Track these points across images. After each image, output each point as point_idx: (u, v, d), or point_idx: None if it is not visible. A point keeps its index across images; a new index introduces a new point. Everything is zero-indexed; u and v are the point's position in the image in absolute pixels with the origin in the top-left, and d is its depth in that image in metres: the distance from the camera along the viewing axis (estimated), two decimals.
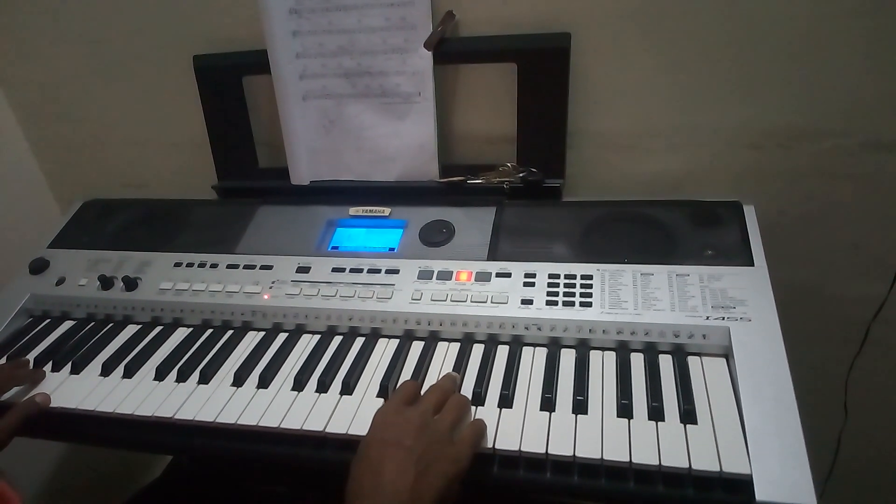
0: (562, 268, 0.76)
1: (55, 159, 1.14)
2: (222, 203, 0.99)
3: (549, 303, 0.73)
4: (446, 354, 0.73)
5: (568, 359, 0.69)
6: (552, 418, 0.62)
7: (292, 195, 0.95)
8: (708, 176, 0.88)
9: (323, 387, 0.69)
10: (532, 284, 0.75)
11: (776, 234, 0.78)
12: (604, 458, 0.57)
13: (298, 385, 0.70)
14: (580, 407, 0.63)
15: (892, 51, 0.75)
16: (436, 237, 0.84)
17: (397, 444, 0.55)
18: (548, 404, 0.63)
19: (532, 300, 0.73)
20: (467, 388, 0.67)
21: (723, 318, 0.67)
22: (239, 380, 0.72)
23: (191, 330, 0.82)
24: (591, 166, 0.91)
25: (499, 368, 0.69)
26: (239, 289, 0.82)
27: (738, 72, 0.80)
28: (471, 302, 0.75)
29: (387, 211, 0.89)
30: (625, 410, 0.61)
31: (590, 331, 0.70)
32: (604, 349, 0.70)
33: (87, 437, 0.74)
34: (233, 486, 1.05)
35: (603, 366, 0.68)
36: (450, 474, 0.54)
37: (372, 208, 0.89)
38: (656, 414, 0.60)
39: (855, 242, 0.90)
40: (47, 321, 0.87)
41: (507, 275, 0.77)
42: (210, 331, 0.81)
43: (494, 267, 0.78)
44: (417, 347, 0.74)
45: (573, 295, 0.73)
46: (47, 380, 0.75)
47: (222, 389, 0.71)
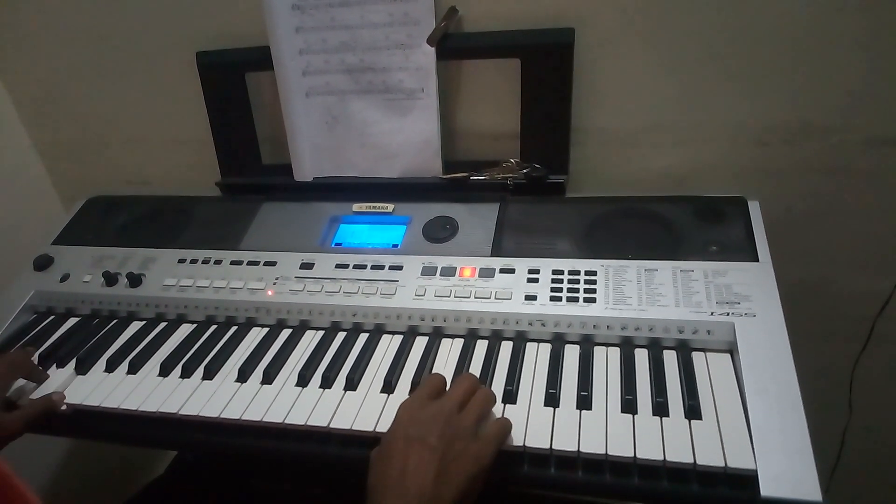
0: (566, 263, 0.76)
1: (59, 157, 1.15)
2: (226, 200, 0.99)
3: (552, 299, 0.72)
4: (450, 350, 0.73)
5: (572, 354, 0.69)
6: (556, 414, 0.62)
7: (296, 192, 0.95)
8: (712, 172, 0.88)
9: (327, 382, 0.69)
10: (536, 280, 0.75)
11: (781, 229, 0.78)
12: (608, 453, 0.57)
13: (302, 381, 0.70)
14: (584, 402, 0.62)
15: None
16: (439, 233, 0.84)
17: (421, 442, 0.54)
18: (552, 400, 0.63)
19: (536, 296, 0.73)
20: None
21: (727, 314, 0.67)
22: (243, 376, 0.72)
23: (195, 326, 0.82)
24: (595, 162, 0.90)
25: (503, 364, 0.69)
26: (243, 285, 0.82)
27: (743, 67, 0.80)
28: (474, 298, 0.74)
29: (390, 207, 0.89)
30: (629, 406, 0.61)
31: (594, 326, 0.70)
32: (608, 345, 0.70)
33: (91, 432, 0.74)
34: (237, 481, 1.05)
35: (607, 361, 0.68)
36: (472, 472, 0.54)
37: (375, 205, 0.89)
38: (661, 409, 0.60)
39: (860, 238, 0.89)
40: (52, 318, 0.87)
41: (511, 271, 0.77)
42: (214, 327, 0.81)
43: (498, 263, 0.78)
44: (421, 343, 0.74)
45: (577, 291, 0.73)
46: (52, 376, 0.75)
47: (226, 385, 0.71)
